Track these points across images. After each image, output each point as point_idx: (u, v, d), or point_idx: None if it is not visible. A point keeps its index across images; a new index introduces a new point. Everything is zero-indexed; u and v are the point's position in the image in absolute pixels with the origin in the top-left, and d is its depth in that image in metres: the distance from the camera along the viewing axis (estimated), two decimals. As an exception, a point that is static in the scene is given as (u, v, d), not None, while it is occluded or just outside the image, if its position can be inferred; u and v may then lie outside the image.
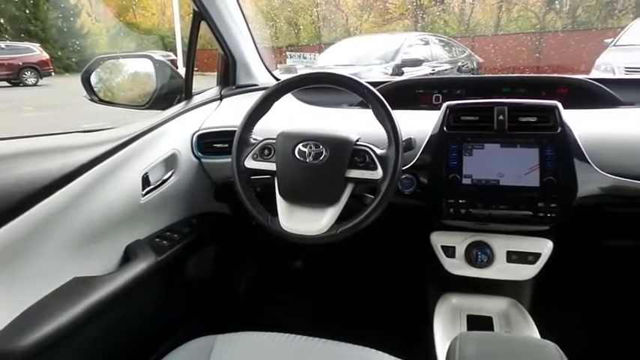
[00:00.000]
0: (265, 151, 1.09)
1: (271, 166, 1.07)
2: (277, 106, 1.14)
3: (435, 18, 12.48)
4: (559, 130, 1.07)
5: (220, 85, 1.59)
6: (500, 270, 1.18)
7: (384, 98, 1.03)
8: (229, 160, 1.11)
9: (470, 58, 7.32)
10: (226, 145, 1.28)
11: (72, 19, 10.55)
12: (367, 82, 1.06)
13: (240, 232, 1.65)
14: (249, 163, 1.09)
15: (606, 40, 6.72)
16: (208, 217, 1.48)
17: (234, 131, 1.11)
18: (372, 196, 1.02)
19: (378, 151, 1.02)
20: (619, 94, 1.26)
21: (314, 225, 1.01)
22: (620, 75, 4.75)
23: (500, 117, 1.11)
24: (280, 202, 1.06)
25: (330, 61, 5.90)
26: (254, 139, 1.12)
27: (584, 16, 11.52)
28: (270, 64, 1.71)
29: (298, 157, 1.03)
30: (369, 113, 1.05)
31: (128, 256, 1.13)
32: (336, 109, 1.42)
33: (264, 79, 1.62)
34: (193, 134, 1.35)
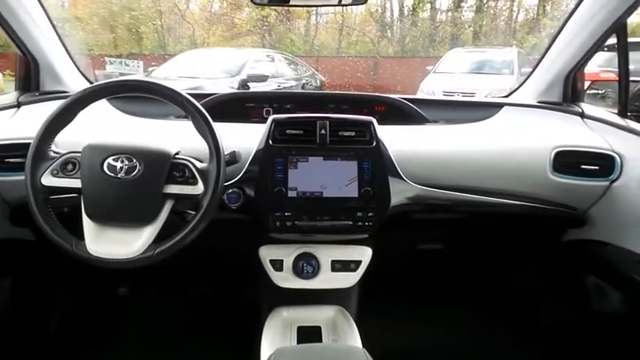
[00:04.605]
0: (68, 165, 0.97)
1: (76, 183, 0.95)
2: (90, 116, 1.02)
3: (282, 36, 12.89)
4: (374, 144, 1.16)
5: (19, 91, 1.38)
6: (326, 280, 1.21)
7: (214, 110, 1.00)
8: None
9: (314, 76, 7.71)
10: (22, 160, 1.10)
11: None
12: (190, 93, 1.01)
13: (48, 259, 1.43)
14: (48, 180, 0.96)
15: (428, 67, 7.71)
16: (1, 245, 1.25)
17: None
18: (195, 213, 0.96)
19: (199, 165, 0.98)
20: (426, 112, 1.42)
21: (128, 247, 0.93)
22: (438, 97, 5.44)
23: (322, 131, 1.15)
24: (87, 224, 0.95)
25: (173, 72, 5.68)
26: (55, 152, 0.99)
27: (411, 45, 13.03)
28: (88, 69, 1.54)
29: (108, 172, 0.93)
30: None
31: None
32: (159, 121, 1.33)
33: (80, 87, 1.45)
34: None
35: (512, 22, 13.42)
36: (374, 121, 1.19)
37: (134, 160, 0.94)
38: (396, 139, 1.22)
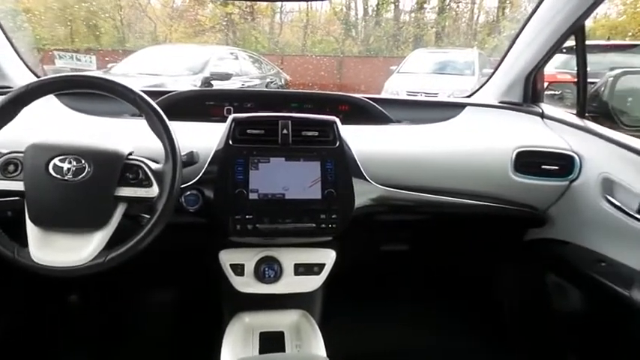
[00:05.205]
0: (10, 167, 0.90)
1: (18, 186, 0.89)
2: (36, 113, 0.97)
3: (246, 34, 12.73)
4: (337, 144, 1.13)
5: None
6: (288, 284, 1.18)
7: (171, 108, 0.96)
8: None
9: (278, 75, 7.62)
10: None
11: None
12: (147, 90, 0.96)
13: None
14: None
15: (392, 67, 7.77)
16: None
17: None
18: (150, 216, 0.91)
19: (154, 166, 0.93)
20: (390, 112, 1.40)
21: (75, 254, 0.87)
22: (402, 97, 5.49)
23: (285, 131, 1.12)
24: (31, 229, 0.88)
25: (133, 69, 5.47)
26: None
27: (375, 44, 13.13)
28: (37, 64, 1.45)
29: (54, 173, 0.87)
30: None
31: None
32: (112, 119, 1.26)
33: (26, 82, 1.36)
34: None
35: (474, 24, 13.75)
36: (337, 120, 1.17)
37: (83, 161, 0.88)
38: (360, 139, 1.20)
